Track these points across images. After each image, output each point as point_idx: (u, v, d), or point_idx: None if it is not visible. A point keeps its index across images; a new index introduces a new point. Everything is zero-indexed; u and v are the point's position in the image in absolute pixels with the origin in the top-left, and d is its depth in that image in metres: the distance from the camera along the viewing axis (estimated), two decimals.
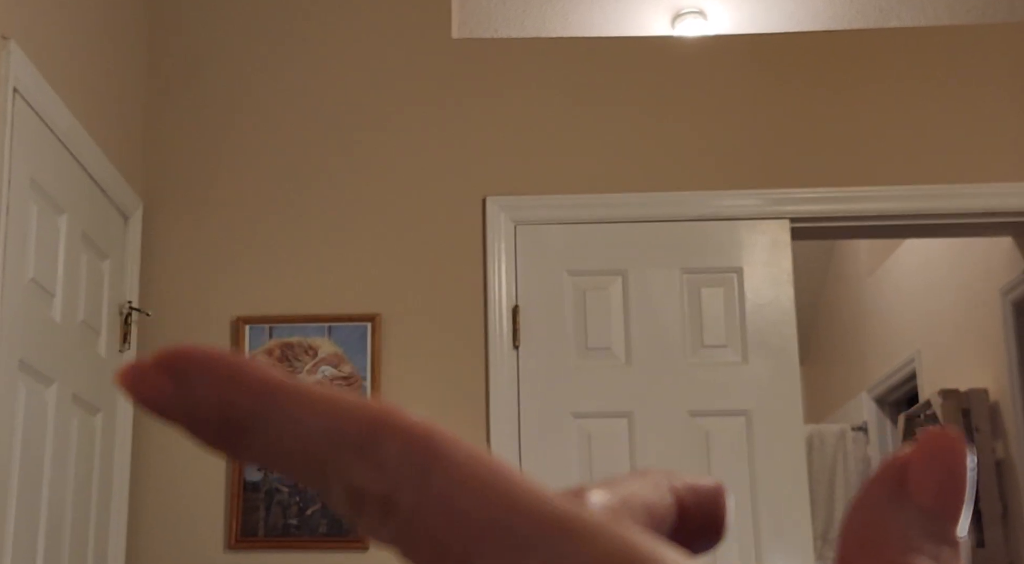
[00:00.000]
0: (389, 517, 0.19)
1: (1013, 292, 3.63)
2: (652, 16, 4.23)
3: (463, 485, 0.19)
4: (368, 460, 0.19)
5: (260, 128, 3.04)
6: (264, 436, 0.20)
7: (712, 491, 0.24)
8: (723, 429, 2.86)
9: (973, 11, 4.17)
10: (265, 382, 0.20)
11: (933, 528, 0.21)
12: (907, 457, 0.21)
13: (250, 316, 2.89)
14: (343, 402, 0.20)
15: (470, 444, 0.20)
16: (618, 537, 0.19)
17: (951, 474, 0.21)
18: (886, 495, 0.21)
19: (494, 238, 2.95)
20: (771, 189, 2.96)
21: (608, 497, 0.22)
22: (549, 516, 0.19)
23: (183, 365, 0.20)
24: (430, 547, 0.19)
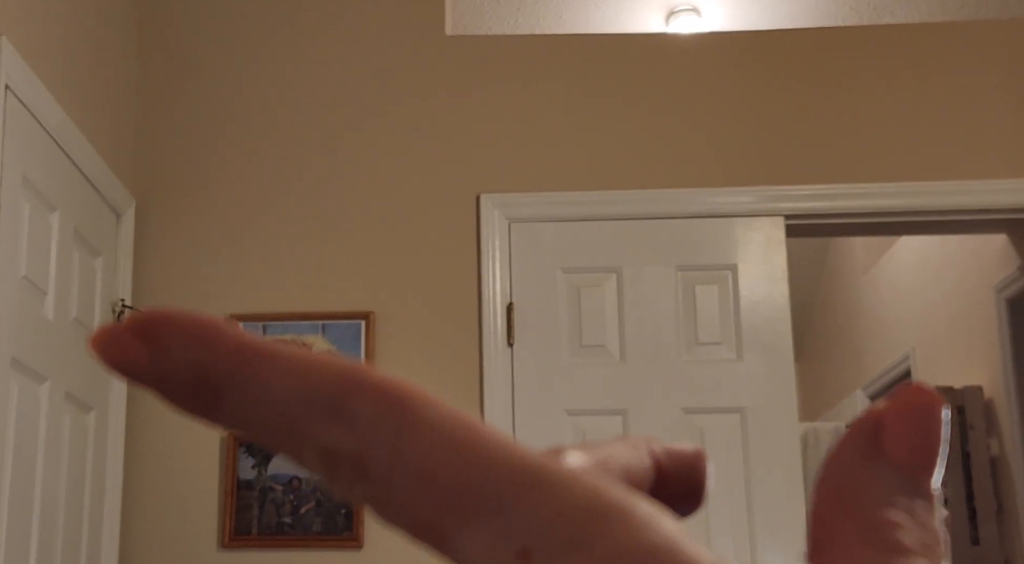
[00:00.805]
0: (362, 477, 0.19)
1: (1007, 289, 3.63)
2: (646, 13, 4.23)
3: (435, 444, 0.19)
4: (340, 420, 0.19)
5: (253, 124, 3.03)
6: (238, 399, 0.20)
7: (692, 456, 0.23)
8: (718, 426, 2.85)
9: (967, 7, 4.17)
10: (238, 344, 0.20)
11: (907, 482, 0.20)
12: (881, 412, 0.21)
13: (243, 313, 2.88)
14: (317, 363, 0.20)
15: (445, 403, 0.20)
16: (590, 488, 0.19)
17: (925, 429, 0.21)
18: (860, 450, 0.21)
19: (488, 235, 2.94)
20: (766, 186, 2.96)
21: (585, 457, 0.22)
22: (521, 472, 0.19)
23: (156, 328, 0.20)
24: (403, 507, 0.19)
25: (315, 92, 3.05)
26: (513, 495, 0.19)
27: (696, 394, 2.88)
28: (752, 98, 3.02)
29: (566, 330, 2.91)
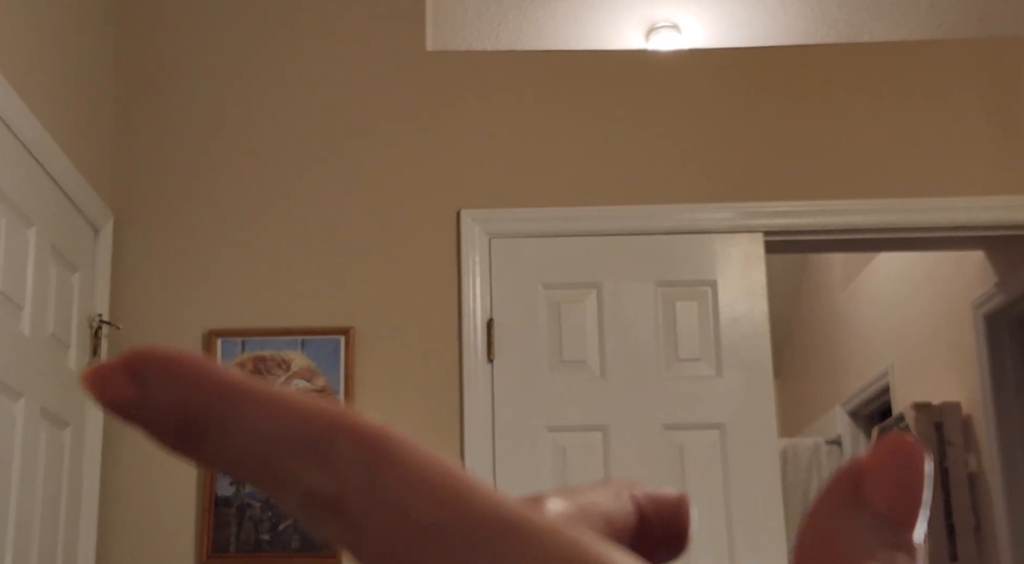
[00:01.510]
0: (339, 518, 0.19)
1: (985, 305, 3.65)
2: (626, 29, 4.25)
3: (411, 486, 0.19)
4: (320, 462, 0.19)
5: (232, 139, 3.03)
6: (220, 439, 0.20)
7: (674, 501, 0.23)
8: (697, 442, 2.86)
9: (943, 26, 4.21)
10: (224, 384, 0.20)
11: (888, 534, 0.20)
12: (863, 462, 0.21)
13: (222, 329, 2.87)
14: (300, 405, 0.20)
15: (424, 447, 0.20)
16: (567, 539, 0.18)
17: (906, 480, 0.21)
18: (842, 500, 0.21)
19: (468, 251, 2.94)
20: (745, 202, 2.97)
21: (565, 504, 0.21)
22: (498, 518, 0.19)
23: (145, 367, 0.20)
24: (379, 549, 0.19)
25: (295, 107, 3.04)
26: (488, 540, 0.18)
27: (676, 410, 2.88)
28: (731, 115, 3.03)
29: (546, 346, 2.91)
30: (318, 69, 3.07)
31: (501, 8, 4.12)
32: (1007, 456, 3.56)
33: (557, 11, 4.14)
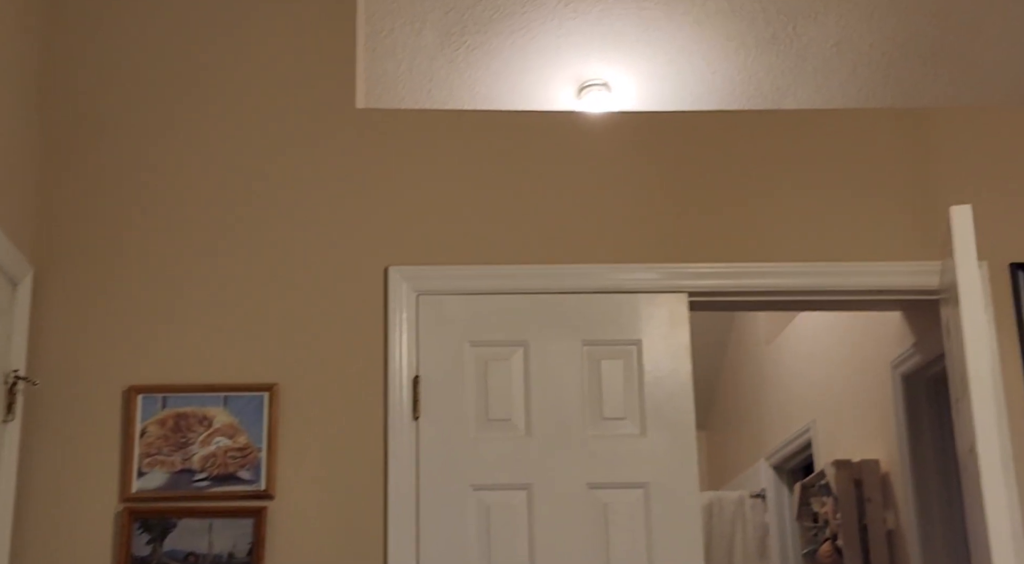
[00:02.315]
0: None
1: (902, 365, 3.73)
2: (558, 88, 4.31)
3: None
4: None
5: (157, 194, 3.00)
6: None
7: None
8: (621, 502, 2.87)
9: (863, 91, 4.33)
10: None
11: None
12: None
13: (143, 385, 2.83)
14: None
15: None
16: None
17: None
18: None
19: (395, 308, 2.94)
20: (670, 264, 3.02)
21: None
22: None
23: None
24: None
25: (221, 162, 3.03)
26: None
27: (600, 469, 2.89)
28: (658, 177, 3.08)
29: (473, 403, 2.91)
30: (245, 124, 3.06)
31: (433, 64, 4.16)
32: (923, 513, 3.62)
33: (490, 67, 4.19)
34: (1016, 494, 2.81)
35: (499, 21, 4.02)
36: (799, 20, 4.06)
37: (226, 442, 2.80)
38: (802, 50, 4.17)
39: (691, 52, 4.17)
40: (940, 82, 4.27)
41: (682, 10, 4.01)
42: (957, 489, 3.35)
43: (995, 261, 3.00)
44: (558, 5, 3.97)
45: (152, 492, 2.77)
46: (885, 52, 4.17)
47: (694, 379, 2.98)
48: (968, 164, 3.11)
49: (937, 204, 3.03)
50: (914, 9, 4.02)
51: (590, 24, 4.03)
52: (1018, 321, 2.96)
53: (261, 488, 2.77)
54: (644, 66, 4.22)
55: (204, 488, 2.77)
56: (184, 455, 2.79)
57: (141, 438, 2.80)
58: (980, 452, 2.48)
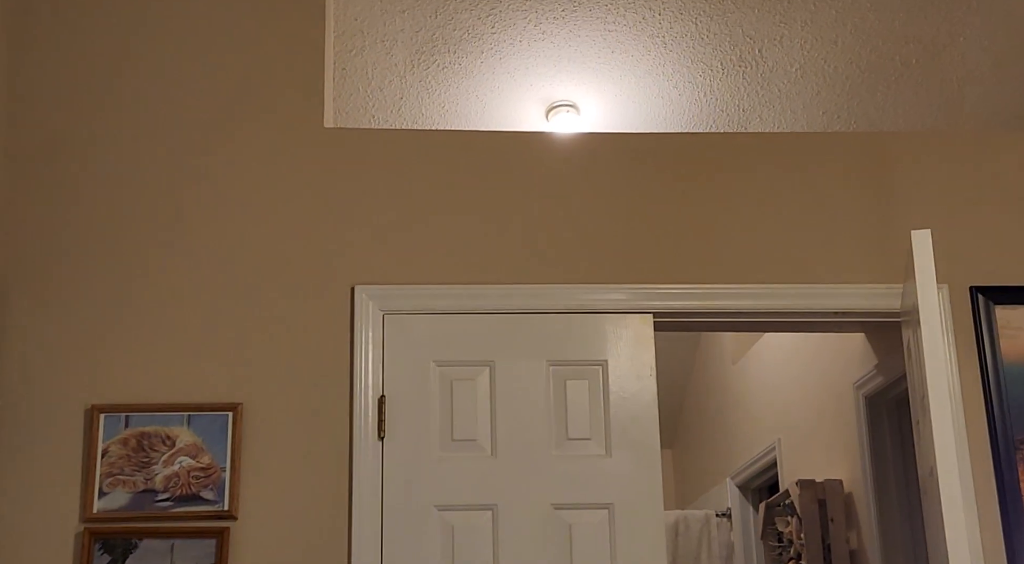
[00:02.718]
0: None
1: (865, 386, 3.76)
2: (527, 109, 4.33)
3: None
4: None
5: (120, 212, 2.99)
6: None
7: None
8: (586, 523, 2.87)
9: (827, 114, 4.38)
10: None
11: None
12: None
13: (105, 404, 2.81)
14: None
15: None
16: None
17: None
18: None
19: (361, 327, 2.93)
20: (636, 285, 3.03)
21: None
22: None
23: None
24: None
25: (188, 180, 3.02)
26: None
27: (566, 490, 2.89)
28: (624, 199, 3.10)
29: (438, 424, 2.91)
30: (213, 143, 3.05)
31: (403, 83, 4.17)
32: (885, 533, 3.65)
33: (459, 87, 4.21)
34: (975, 515, 2.84)
35: (468, 41, 4.04)
36: (765, 44, 4.11)
37: (189, 462, 2.79)
38: (767, 73, 4.22)
39: (658, 74, 4.21)
40: (902, 106, 4.33)
41: (649, 33, 4.05)
42: (919, 509, 3.38)
43: (955, 284, 3.04)
44: (527, 27, 4.00)
45: (114, 512, 2.74)
46: (849, 76, 4.23)
47: (660, 399, 2.99)
48: (930, 188, 3.15)
49: (899, 227, 3.07)
50: (877, 34, 4.08)
51: (558, 46, 4.06)
52: (978, 343, 2.99)
53: (224, 508, 2.76)
54: (612, 88, 4.26)
55: (166, 508, 2.75)
56: (147, 475, 2.77)
57: (103, 458, 2.77)
58: (940, 473, 2.50)
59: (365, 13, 3.90)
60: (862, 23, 4.03)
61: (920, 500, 2.99)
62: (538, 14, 3.95)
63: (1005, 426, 2.92)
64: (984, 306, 3.01)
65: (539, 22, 3.99)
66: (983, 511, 2.86)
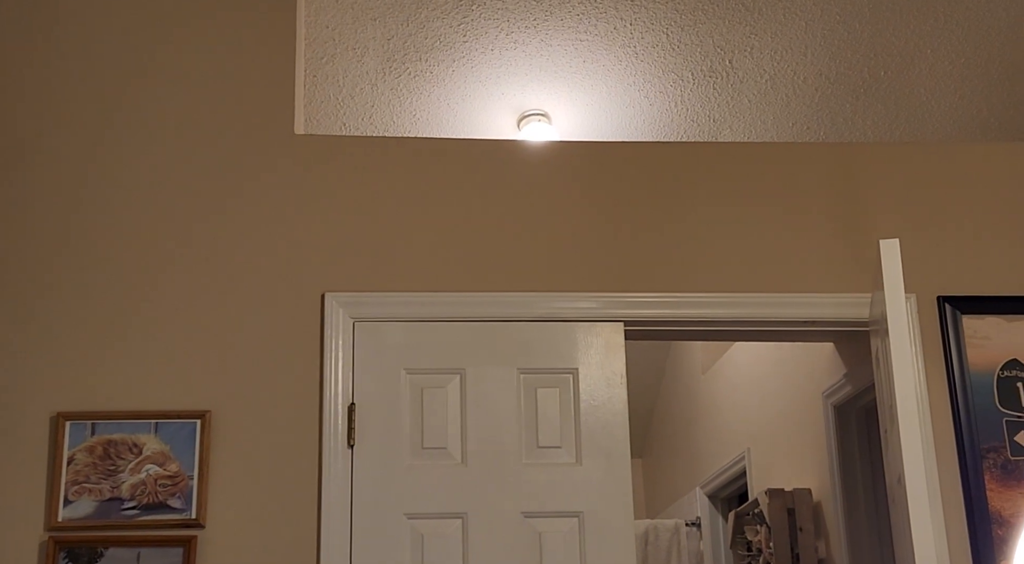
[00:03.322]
0: None
1: (834, 396, 3.78)
2: (498, 117, 4.34)
3: None
4: None
5: (88, 218, 2.96)
6: None
7: None
8: (556, 531, 2.87)
9: (797, 124, 4.41)
10: None
11: None
12: None
13: (71, 412, 2.78)
14: None
15: None
16: None
17: None
18: None
19: (331, 334, 2.92)
20: (607, 293, 3.03)
21: None
22: None
23: None
24: None
25: (157, 186, 3.00)
26: None
27: (536, 498, 2.89)
28: (595, 207, 3.11)
29: (408, 431, 2.90)
30: (182, 150, 3.04)
31: (375, 90, 4.17)
32: (854, 542, 3.67)
33: (431, 96, 4.21)
34: (942, 524, 2.86)
35: (440, 50, 4.04)
36: (735, 55, 4.13)
37: (156, 470, 2.76)
38: (738, 84, 4.25)
39: (629, 84, 4.22)
40: (871, 117, 4.36)
41: (621, 43, 4.06)
42: (887, 518, 3.40)
43: (923, 294, 3.06)
44: (499, 35, 4.00)
45: (79, 521, 2.72)
46: (818, 87, 4.26)
47: (630, 408, 3.00)
48: (898, 198, 3.18)
49: (867, 237, 3.09)
50: (846, 46, 4.12)
51: (530, 55, 4.07)
52: (945, 353, 3.02)
53: (191, 517, 2.73)
54: (583, 97, 4.27)
55: (133, 517, 2.73)
56: (113, 483, 2.74)
57: (69, 466, 2.74)
58: (907, 482, 2.52)
59: (337, 20, 3.89)
60: (831, 35, 4.07)
61: (888, 508, 3.00)
62: (510, 23, 3.96)
63: (972, 435, 2.94)
64: (951, 315, 3.04)
65: (511, 31, 3.99)
66: (950, 519, 2.88)
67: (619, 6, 3.95)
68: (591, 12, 3.96)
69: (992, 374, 3.00)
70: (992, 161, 3.26)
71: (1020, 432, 2.97)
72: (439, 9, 3.88)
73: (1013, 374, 3.01)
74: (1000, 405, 2.98)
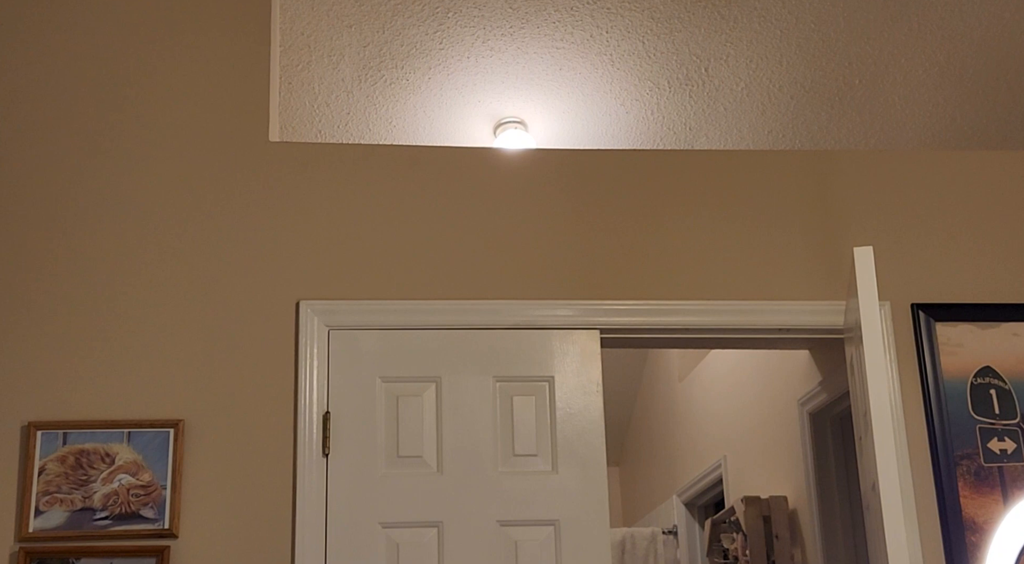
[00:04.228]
0: None
1: (810, 403, 3.79)
2: (474, 125, 4.33)
3: None
4: None
5: (60, 225, 2.94)
6: None
7: None
8: (532, 539, 2.86)
9: (773, 132, 4.43)
10: None
11: None
12: None
13: (42, 421, 2.75)
14: None
15: None
16: None
17: None
18: None
19: (306, 343, 2.91)
20: (582, 300, 3.03)
21: None
22: None
23: None
24: None
25: (130, 193, 2.98)
26: None
27: (512, 506, 2.88)
28: (572, 215, 3.10)
29: (383, 440, 2.89)
30: (155, 157, 3.02)
31: (350, 98, 4.16)
32: (829, 549, 3.67)
33: (407, 103, 4.20)
34: (916, 531, 2.87)
35: (416, 57, 4.03)
36: (711, 62, 4.15)
37: (129, 479, 2.74)
38: (713, 92, 4.26)
39: (605, 92, 4.23)
40: (845, 125, 4.39)
41: (597, 51, 4.07)
42: (862, 525, 3.41)
43: (897, 301, 3.07)
44: (475, 43, 4.00)
45: (50, 531, 2.69)
46: (793, 95, 4.28)
47: (607, 415, 3.00)
48: (872, 206, 3.19)
49: (842, 245, 3.10)
50: (821, 54, 4.14)
51: (506, 63, 4.07)
52: (919, 360, 3.03)
53: (164, 527, 2.71)
54: (559, 105, 4.27)
55: (105, 527, 2.70)
56: (85, 493, 2.72)
57: (40, 476, 2.72)
58: (881, 489, 2.52)
59: (312, 27, 3.88)
60: (806, 43, 4.09)
61: (863, 515, 3.01)
62: (486, 31, 3.96)
63: (946, 442, 2.95)
64: (925, 323, 3.05)
65: (487, 38, 3.99)
66: (924, 526, 2.89)
67: (595, 14, 3.96)
68: (568, 20, 3.97)
69: (965, 381, 3.02)
70: (966, 169, 3.28)
71: (993, 439, 2.98)
72: (415, 17, 3.88)
73: (986, 381, 3.03)
74: (973, 412, 3.00)
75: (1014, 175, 3.27)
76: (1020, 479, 2.94)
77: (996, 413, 3.00)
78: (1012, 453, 2.96)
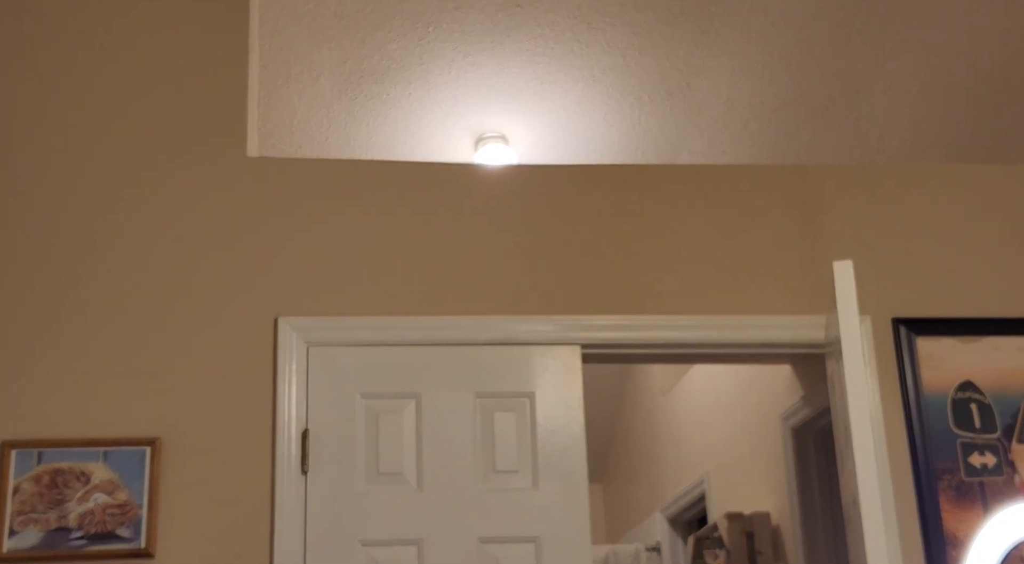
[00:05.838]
0: None
1: (792, 418, 3.78)
2: (456, 140, 4.33)
3: None
4: None
5: (36, 239, 2.91)
6: None
7: None
8: (512, 556, 2.84)
9: (755, 146, 4.44)
10: None
11: None
12: None
13: (17, 440, 2.72)
14: None
15: None
16: None
17: None
18: None
19: (285, 359, 2.89)
20: (564, 316, 3.02)
21: None
22: None
23: None
24: None
25: (108, 207, 2.96)
26: None
27: (492, 523, 2.86)
28: (553, 230, 3.10)
29: (363, 457, 2.87)
30: (133, 171, 3.00)
31: (331, 112, 4.14)
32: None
33: (387, 118, 4.19)
34: (897, 545, 2.86)
35: (396, 71, 4.02)
36: (693, 77, 4.15)
37: (105, 499, 2.71)
38: (696, 106, 4.26)
39: (587, 106, 4.23)
40: (827, 139, 4.39)
41: (578, 65, 4.07)
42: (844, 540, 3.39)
43: (878, 316, 3.07)
44: (456, 57, 4.00)
45: (25, 552, 2.66)
46: (775, 109, 4.28)
47: (589, 431, 2.98)
48: (854, 220, 3.20)
49: (823, 259, 3.10)
50: (803, 69, 4.15)
51: (487, 77, 4.06)
52: (900, 374, 3.03)
53: (141, 546, 2.68)
54: (541, 119, 4.27)
55: (80, 547, 2.67)
56: (60, 513, 2.69)
57: (14, 495, 2.68)
58: (862, 504, 2.52)
59: (291, 42, 3.87)
60: (788, 57, 4.10)
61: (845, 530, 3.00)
62: (467, 45, 3.96)
63: (927, 456, 2.95)
64: (906, 337, 3.05)
65: (468, 53, 3.99)
66: (905, 540, 2.88)
67: (576, 28, 3.96)
68: (549, 34, 3.97)
69: (946, 396, 3.02)
70: (948, 183, 3.28)
71: (974, 453, 2.98)
72: (395, 31, 3.87)
73: (967, 395, 3.03)
74: (954, 426, 3.00)
75: (996, 189, 3.27)
76: (1001, 493, 2.93)
77: (977, 427, 3.00)
78: (993, 467, 2.96)
